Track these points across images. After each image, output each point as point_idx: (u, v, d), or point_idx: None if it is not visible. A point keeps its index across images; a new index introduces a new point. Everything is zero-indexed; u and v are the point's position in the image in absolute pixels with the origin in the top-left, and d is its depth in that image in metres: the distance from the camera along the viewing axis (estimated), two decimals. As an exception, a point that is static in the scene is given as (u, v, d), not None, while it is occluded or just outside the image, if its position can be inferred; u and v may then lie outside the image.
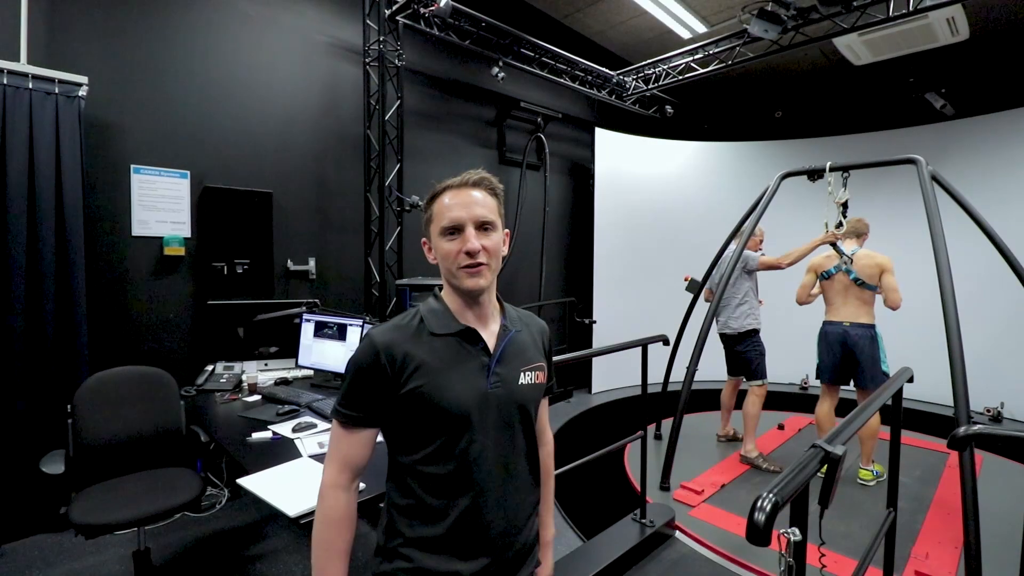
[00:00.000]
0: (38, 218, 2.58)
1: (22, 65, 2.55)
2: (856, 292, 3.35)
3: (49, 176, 2.60)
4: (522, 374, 1.04)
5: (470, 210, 0.99)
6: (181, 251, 3.17)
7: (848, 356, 3.34)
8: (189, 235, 3.24)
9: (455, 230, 0.98)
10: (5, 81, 2.48)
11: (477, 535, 0.97)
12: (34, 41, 2.66)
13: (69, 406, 2.24)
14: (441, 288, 1.07)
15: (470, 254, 0.97)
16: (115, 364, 2.46)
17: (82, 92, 2.69)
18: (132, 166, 3.04)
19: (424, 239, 1.05)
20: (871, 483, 3.31)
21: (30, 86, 2.54)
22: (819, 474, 1.03)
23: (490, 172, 1.09)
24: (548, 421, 1.26)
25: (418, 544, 0.96)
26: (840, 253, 3.36)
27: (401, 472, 0.99)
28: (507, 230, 1.08)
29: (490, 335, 1.03)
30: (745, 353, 3.76)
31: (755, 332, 3.79)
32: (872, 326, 3.32)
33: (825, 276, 3.47)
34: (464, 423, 0.96)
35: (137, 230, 3.07)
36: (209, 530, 2.82)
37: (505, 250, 1.05)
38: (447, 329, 1.00)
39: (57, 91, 2.61)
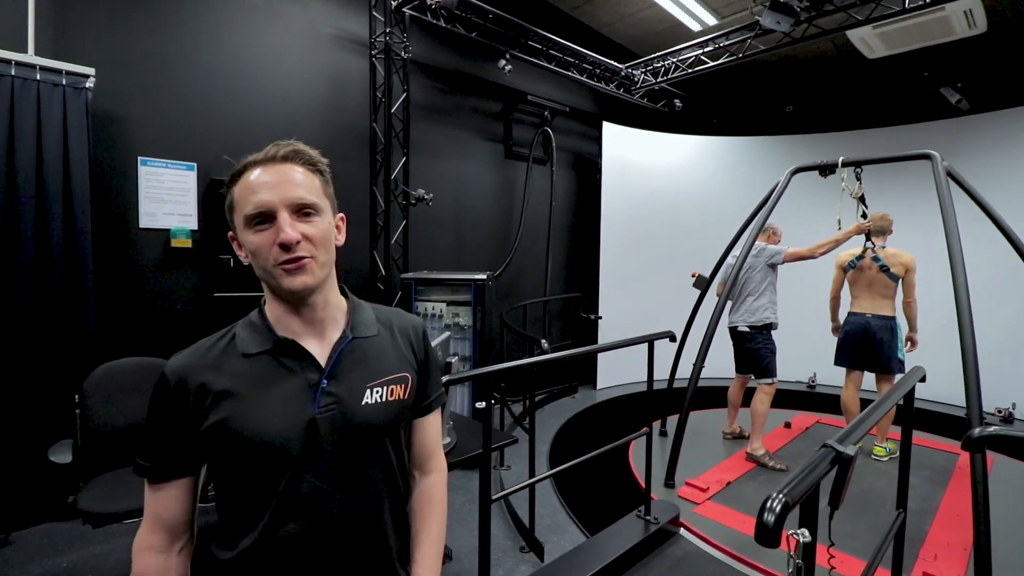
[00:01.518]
0: (47, 210, 2.59)
1: (30, 56, 2.56)
2: (880, 286, 3.55)
3: (57, 168, 2.61)
4: (368, 391, 0.84)
5: (282, 191, 0.77)
6: (188, 243, 3.18)
7: (867, 344, 3.57)
8: (196, 227, 3.25)
9: (264, 218, 0.77)
10: (13, 72, 2.48)
11: None
12: (41, 33, 2.66)
13: (77, 396, 2.25)
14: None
15: (285, 247, 0.76)
16: (123, 355, 2.46)
17: (89, 84, 2.69)
18: (139, 158, 3.05)
19: (231, 233, 0.83)
20: (884, 459, 3.55)
21: (38, 77, 2.55)
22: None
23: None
24: (438, 442, 1.01)
25: None
26: (867, 238, 3.54)
27: (223, 517, 0.83)
28: (341, 215, 0.89)
29: (324, 346, 0.84)
30: (757, 350, 3.71)
31: (770, 327, 3.74)
32: (892, 318, 3.54)
33: (851, 266, 3.65)
34: (281, 458, 0.77)
35: (144, 222, 3.07)
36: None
37: (340, 239, 0.87)
38: (259, 346, 0.81)
39: (64, 83, 2.61)
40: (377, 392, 0.85)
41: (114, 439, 2.28)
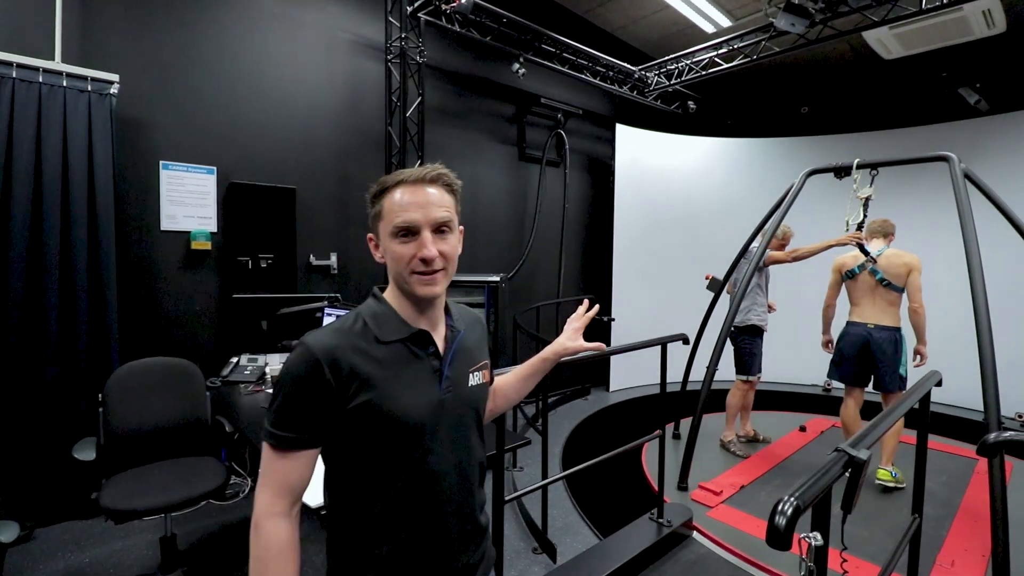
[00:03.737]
0: (71, 212, 2.66)
1: (56, 63, 2.63)
2: (882, 293, 3.27)
3: (82, 172, 2.68)
4: (471, 375, 1.01)
5: (427, 211, 0.89)
6: (208, 245, 3.24)
7: (867, 357, 3.28)
8: (215, 230, 3.31)
9: (409, 232, 0.89)
10: (40, 79, 2.56)
11: (435, 543, 0.93)
12: (68, 40, 2.74)
13: (100, 395, 2.31)
14: (383, 288, 0.99)
15: (426, 261, 0.89)
16: (144, 355, 2.53)
17: (113, 90, 2.76)
18: (161, 162, 3.12)
19: (370, 235, 0.96)
20: (889, 484, 3.20)
21: (64, 84, 2.62)
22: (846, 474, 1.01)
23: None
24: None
25: (374, 562, 0.90)
26: (865, 253, 3.28)
27: (347, 489, 0.92)
28: (462, 227, 0.99)
29: (439, 337, 0.97)
30: (739, 348, 3.83)
31: (754, 329, 3.79)
32: (897, 329, 3.25)
33: (849, 275, 3.40)
34: (419, 433, 0.90)
35: (166, 225, 3.14)
36: (233, 518, 2.89)
37: (459, 248, 0.97)
38: (396, 334, 0.92)
39: (89, 89, 2.69)
40: (476, 376, 1.02)
41: (135, 438, 2.34)
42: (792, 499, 0.87)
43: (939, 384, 1.78)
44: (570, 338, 1.22)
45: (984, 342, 2.41)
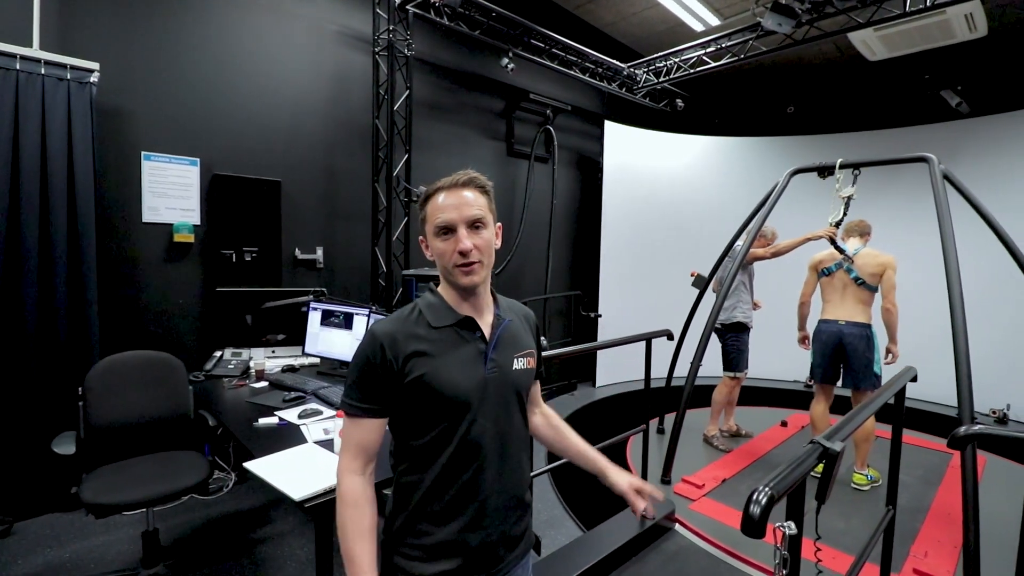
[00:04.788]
0: (50, 203, 2.62)
1: (35, 51, 2.58)
2: (855, 291, 3.31)
3: (61, 162, 2.63)
4: (515, 360, 1.12)
5: (461, 211, 1.03)
6: (190, 238, 3.20)
7: (840, 354, 3.32)
8: (198, 222, 3.27)
9: (448, 230, 1.03)
10: (18, 67, 2.50)
11: (477, 508, 1.04)
12: (46, 27, 2.68)
13: (80, 388, 2.28)
14: (438, 283, 1.13)
15: (463, 254, 1.02)
16: (125, 348, 2.49)
17: (94, 78, 2.71)
18: (143, 153, 3.07)
19: (421, 237, 1.11)
20: (865, 487, 3.25)
21: (43, 72, 2.57)
22: (814, 473, 1.03)
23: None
24: (539, 396, 1.40)
25: (422, 517, 1.03)
26: (840, 251, 3.33)
27: (406, 453, 1.06)
28: (499, 223, 1.12)
29: (485, 324, 1.10)
30: (724, 346, 3.92)
31: (739, 326, 3.86)
32: (868, 326, 3.27)
33: (825, 273, 3.44)
34: (464, 408, 1.02)
35: (147, 216, 3.10)
36: (216, 512, 2.87)
37: (498, 243, 1.10)
38: (445, 320, 1.06)
39: (69, 77, 2.63)
40: (521, 361, 1.13)
41: (117, 431, 2.31)
42: (767, 489, 0.89)
43: (914, 380, 1.83)
44: (630, 491, 1.26)
45: (959, 339, 2.46)
